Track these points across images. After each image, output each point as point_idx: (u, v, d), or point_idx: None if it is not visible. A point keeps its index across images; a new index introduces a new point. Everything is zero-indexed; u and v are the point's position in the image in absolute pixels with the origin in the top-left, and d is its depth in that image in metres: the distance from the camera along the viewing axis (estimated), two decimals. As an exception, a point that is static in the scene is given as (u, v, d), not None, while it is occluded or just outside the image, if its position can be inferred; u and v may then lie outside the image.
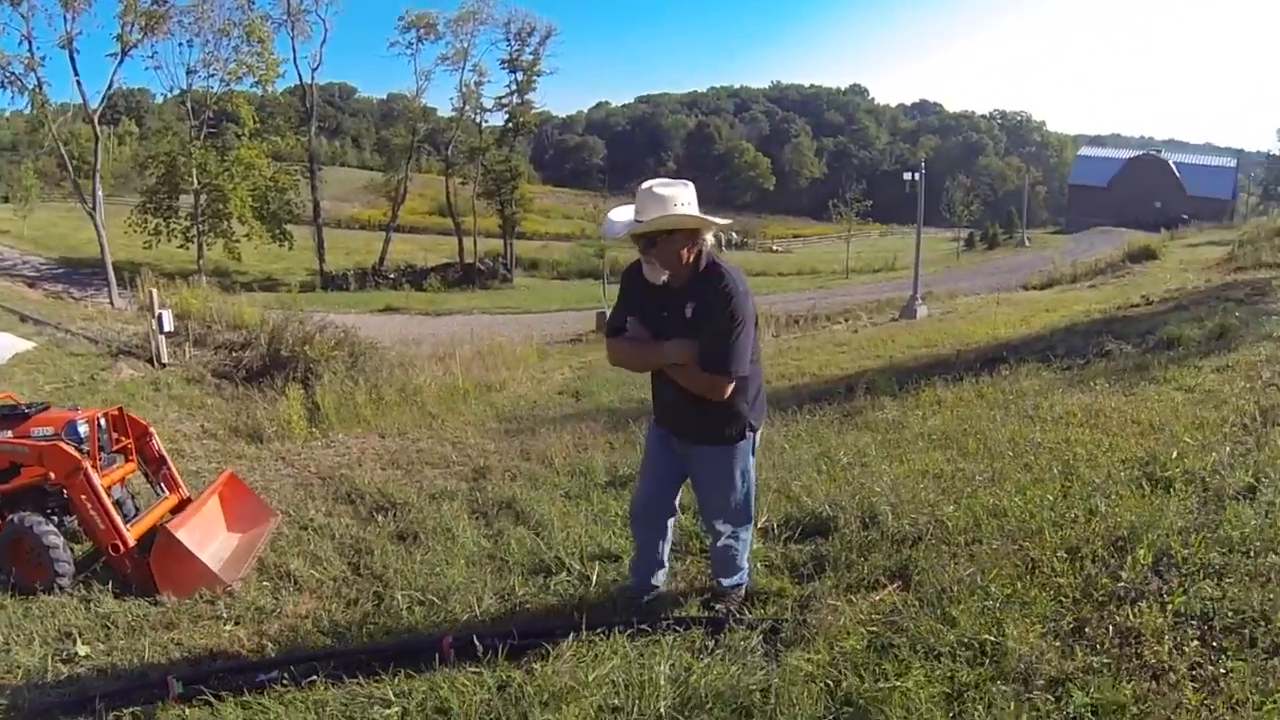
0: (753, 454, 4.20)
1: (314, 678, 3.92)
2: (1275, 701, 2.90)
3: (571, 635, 3.94)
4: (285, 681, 3.94)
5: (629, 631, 3.98)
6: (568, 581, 4.93)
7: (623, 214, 3.97)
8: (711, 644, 3.89)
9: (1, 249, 52.85)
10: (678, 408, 4.12)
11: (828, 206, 79.13)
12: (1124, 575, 3.80)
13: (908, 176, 35.65)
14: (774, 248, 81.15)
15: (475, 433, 10.32)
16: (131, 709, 3.93)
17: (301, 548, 6.11)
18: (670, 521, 4.48)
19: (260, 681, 4.00)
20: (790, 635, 3.87)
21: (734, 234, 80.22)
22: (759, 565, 4.74)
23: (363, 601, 5.06)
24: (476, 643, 3.90)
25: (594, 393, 13.45)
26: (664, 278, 3.88)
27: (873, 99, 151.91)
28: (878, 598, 4.09)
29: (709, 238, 3.95)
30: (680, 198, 3.79)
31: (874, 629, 3.78)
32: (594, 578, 4.91)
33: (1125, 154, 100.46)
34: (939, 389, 9.08)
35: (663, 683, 3.52)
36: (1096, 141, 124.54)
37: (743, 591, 4.42)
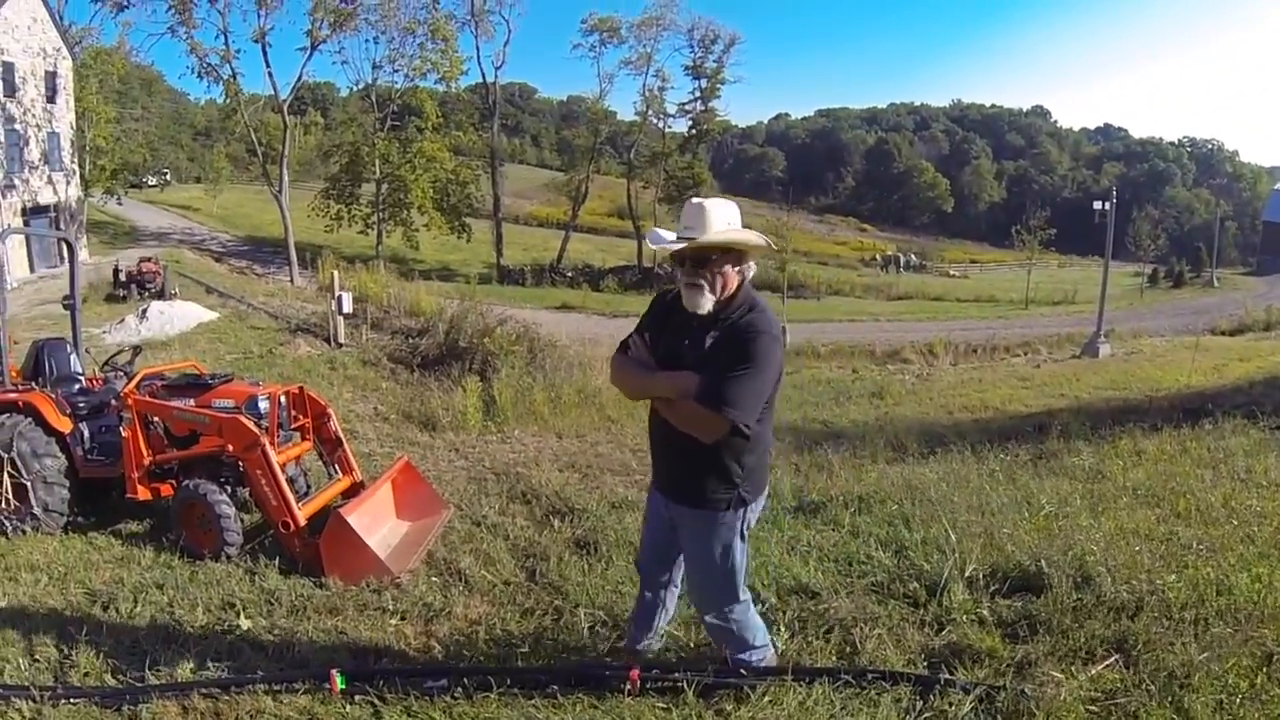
0: (741, 535, 3.59)
1: (488, 694, 3.67)
2: None
3: (770, 678, 3.60)
4: (455, 693, 3.70)
5: (836, 683, 3.58)
6: (763, 615, 4.36)
7: (670, 233, 3.48)
8: (919, 704, 3.47)
9: (193, 225, 57.70)
10: (665, 456, 3.67)
11: (1006, 232, 76.01)
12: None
13: (1097, 206, 35.08)
14: (951, 272, 79.73)
15: (657, 442, 9.87)
16: (290, 696, 3.79)
17: (474, 545, 5.93)
18: (666, 593, 4.01)
19: (429, 689, 3.76)
20: (1007, 706, 3.42)
21: (912, 255, 78.62)
22: (965, 617, 4.21)
23: (539, 613, 4.78)
24: (669, 679, 3.62)
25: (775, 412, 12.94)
26: (709, 305, 3.39)
27: (1055, 121, 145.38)
28: (1096, 671, 3.64)
29: (751, 266, 3.48)
30: (734, 217, 3.39)
31: (1094, 708, 3.38)
32: (787, 613, 4.44)
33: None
34: (1138, 438, 8.38)
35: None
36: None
37: (766, 662, 3.82)
